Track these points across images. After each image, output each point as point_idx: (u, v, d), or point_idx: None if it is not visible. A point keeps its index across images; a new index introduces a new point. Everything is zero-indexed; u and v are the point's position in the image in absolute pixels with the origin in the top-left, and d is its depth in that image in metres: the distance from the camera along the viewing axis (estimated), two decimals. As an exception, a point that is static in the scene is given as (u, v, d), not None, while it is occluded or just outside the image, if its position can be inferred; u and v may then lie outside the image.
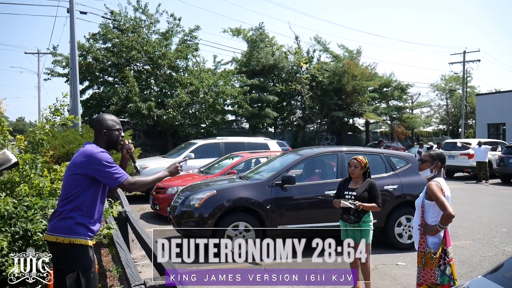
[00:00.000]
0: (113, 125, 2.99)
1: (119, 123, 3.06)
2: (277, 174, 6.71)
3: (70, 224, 2.73)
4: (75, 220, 2.74)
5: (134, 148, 3.12)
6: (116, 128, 3.00)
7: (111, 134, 2.99)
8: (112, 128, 2.98)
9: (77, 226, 2.74)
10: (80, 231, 2.75)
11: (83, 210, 2.78)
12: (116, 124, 3.02)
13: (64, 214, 2.75)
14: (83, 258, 2.75)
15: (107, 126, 2.98)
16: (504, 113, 29.10)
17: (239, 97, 22.74)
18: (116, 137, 3.01)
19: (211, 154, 12.21)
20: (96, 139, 3.00)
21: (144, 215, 9.76)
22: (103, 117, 3.04)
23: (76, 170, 2.79)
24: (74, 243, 2.71)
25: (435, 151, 3.94)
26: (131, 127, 20.18)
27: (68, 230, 2.73)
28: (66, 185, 2.84)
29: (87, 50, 19.39)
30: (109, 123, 2.99)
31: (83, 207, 2.78)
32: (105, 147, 2.95)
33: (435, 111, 49.84)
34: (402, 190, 6.93)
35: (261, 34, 27.44)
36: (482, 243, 7.38)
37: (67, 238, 2.71)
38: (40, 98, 40.25)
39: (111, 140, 2.99)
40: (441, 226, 3.56)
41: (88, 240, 2.79)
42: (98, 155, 2.79)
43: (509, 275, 2.57)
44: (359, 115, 31.94)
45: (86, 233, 2.78)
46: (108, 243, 4.62)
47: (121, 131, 3.06)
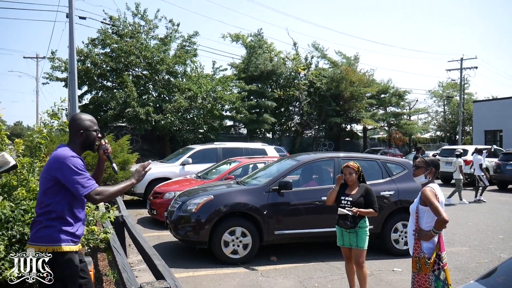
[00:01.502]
0: (90, 125, 2.90)
1: (96, 123, 2.97)
2: (274, 179, 6.74)
3: (51, 232, 2.67)
4: (55, 228, 2.67)
5: (111, 148, 3.04)
6: (94, 129, 2.91)
7: (88, 135, 2.89)
8: (89, 128, 2.89)
9: (58, 234, 2.67)
10: (62, 238, 2.68)
11: (63, 218, 2.70)
12: (94, 125, 2.93)
13: (44, 223, 2.68)
14: (69, 266, 2.68)
15: (84, 127, 2.88)
16: (501, 120, 29.24)
17: (237, 103, 22.79)
18: (93, 138, 2.91)
19: (209, 160, 12.24)
20: (71, 139, 2.89)
21: (141, 220, 9.76)
22: (80, 116, 2.94)
23: (48, 176, 2.71)
24: (58, 251, 2.65)
25: (429, 157, 3.98)
26: (129, 132, 20.19)
27: (50, 239, 2.66)
28: (42, 192, 2.74)
29: (85, 55, 19.44)
30: (86, 123, 2.90)
31: (62, 215, 2.70)
32: (80, 149, 2.88)
33: (432, 118, 50.07)
34: (398, 196, 6.96)
35: (259, 40, 27.58)
36: (478, 250, 7.41)
37: (50, 247, 2.65)
38: (38, 103, 40.36)
39: (87, 140, 2.90)
40: (435, 231, 3.59)
41: (73, 246, 2.72)
42: (68, 160, 2.67)
43: (502, 280, 2.60)
44: (357, 121, 32.04)
45: (69, 239, 2.70)
46: (105, 248, 4.63)
47: (98, 132, 2.96)
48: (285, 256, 6.80)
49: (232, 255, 6.35)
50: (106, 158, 3.03)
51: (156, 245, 7.26)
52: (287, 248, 7.17)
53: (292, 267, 6.29)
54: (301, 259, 6.73)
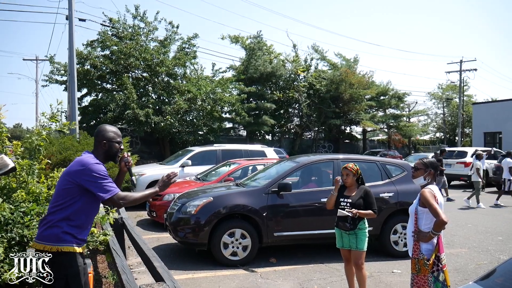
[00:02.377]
0: (113, 137, 2.99)
1: (120, 135, 3.05)
2: (273, 181, 6.74)
3: (57, 232, 2.71)
4: (62, 229, 2.72)
5: (132, 161, 3.10)
6: (117, 141, 3.00)
7: (111, 146, 2.98)
8: (112, 140, 2.98)
9: (64, 235, 2.72)
10: (67, 239, 2.73)
11: (72, 220, 2.76)
12: (117, 137, 3.01)
13: (52, 223, 2.73)
14: (71, 265, 2.73)
15: (108, 137, 2.97)
16: (500, 122, 29.28)
17: (237, 105, 22.80)
18: (116, 149, 3.00)
19: (208, 161, 12.24)
20: (95, 149, 2.99)
21: (141, 222, 9.76)
22: (105, 128, 3.02)
23: (69, 178, 2.78)
24: (62, 250, 2.70)
25: (428, 159, 3.99)
26: (129, 134, 20.19)
27: (55, 238, 2.71)
28: (58, 193, 2.81)
29: (85, 57, 19.43)
30: (110, 134, 2.98)
31: (72, 217, 2.75)
32: (103, 158, 2.95)
33: (432, 120, 50.08)
34: (398, 198, 6.96)
35: (259, 42, 27.60)
36: (477, 251, 7.41)
37: (54, 247, 2.69)
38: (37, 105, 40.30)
39: (110, 151, 2.99)
40: (434, 232, 3.60)
41: (76, 247, 2.76)
42: (92, 166, 2.77)
43: (501, 281, 2.61)
44: (356, 123, 32.09)
45: (73, 240, 2.75)
46: (104, 250, 4.62)
47: (121, 144, 3.05)
48: (285, 258, 6.80)
49: (231, 257, 6.35)
50: (126, 170, 3.16)
51: (155, 247, 7.26)
52: (286, 250, 7.17)
53: (292, 268, 6.29)
54: (300, 260, 6.73)
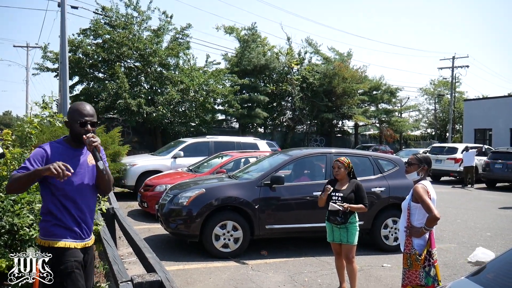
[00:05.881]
0: (73, 116, 2.68)
1: (86, 114, 2.67)
2: (266, 174, 6.74)
3: (46, 226, 2.63)
4: (50, 222, 2.62)
5: (96, 142, 2.63)
6: (77, 120, 2.65)
7: (72, 126, 2.68)
8: (72, 119, 2.68)
9: (53, 228, 2.62)
10: (58, 233, 2.62)
11: (51, 212, 2.63)
12: (78, 116, 2.66)
13: (42, 217, 2.65)
14: (62, 262, 2.60)
15: (69, 117, 2.71)
16: (491, 119, 29.55)
17: (230, 97, 22.72)
18: (77, 130, 2.66)
19: (201, 153, 12.21)
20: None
21: (132, 213, 9.72)
22: (72, 106, 2.75)
23: None
24: (52, 246, 2.60)
25: (421, 155, 4.01)
26: (120, 124, 20.04)
27: (46, 232, 2.63)
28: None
29: (77, 45, 19.21)
30: (71, 114, 2.70)
31: (50, 209, 2.63)
32: (72, 140, 2.73)
33: (423, 115, 50.48)
34: (389, 193, 7.00)
35: (253, 34, 27.46)
36: (466, 247, 7.49)
37: (46, 241, 2.62)
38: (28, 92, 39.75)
39: (72, 132, 2.70)
40: (427, 228, 3.62)
41: (71, 242, 2.64)
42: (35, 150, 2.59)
43: (492, 276, 2.63)
44: (349, 118, 32.16)
45: (66, 234, 2.63)
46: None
47: (86, 125, 2.66)
48: (276, 251, 6.82)
49: (223, 249, 6.36)
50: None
51: (146, 238, 7.24)
52: (277, 243, 7.19)
53: (283, 261, 6.31)
54: (291, 253, 6.75)
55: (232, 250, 6.38)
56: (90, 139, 2.60)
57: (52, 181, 2.59)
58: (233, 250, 6.38)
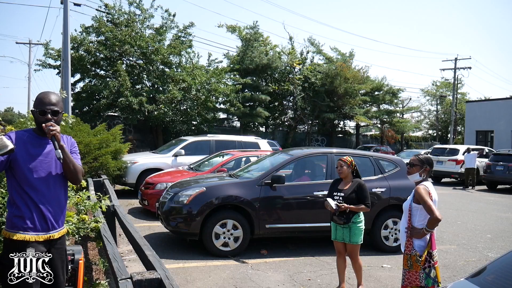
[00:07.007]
0: (35, 105, 2.67)
1: (46, 103, 2.65)
2: (267, 173, 6.73)
3: (8, 217, 2.61)
4: (12, 214, 2.59)
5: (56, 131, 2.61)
6: (39, 109, 2.64)
7: (34, 116, 2.69)
8: (36, 108, 2.66)
9: (13, 219, 2.59)
10: (16, 225, 2.58)
11: (14, 203, 2.60)
12: (41, 105, 2.65)
13: (7, 207, 2.64)
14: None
15: (34, 106, 2.68)
16: (492, 120, 29.52)
17: (231, 96, 22.72)
18: (39, 120, 2.64)
19: (202, 152, 12.21)
20: None
21: (132, 210, 9.73)
22: (37, 95, 2.72)
23: None
24: (8, 237, 2.57)
25: (424, 156, 4.00)
26: (122, 122, 20.06)
27: (8, 223, 2.60)
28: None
29: (79, 42, 19.22)
30: (35, 102, 2.69)
31: (13, 199, 2.61)
32: (39, 129, 2.69)
33: (425, 116, 50.40)
34: (390, 193, 6.99)
35: (255, 33, 27.46)
36: (466, 248, 7.48)
37: (8, 232, 2.59)
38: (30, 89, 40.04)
39: (35, 120, 2.70)
40: (428, 229, 3.61)
41: (26, 234, 2.57)
42: None
43: (491, 278, 2.62)
44: (350, 118, 32.13)
45: (24, 226, 2.57)
46: (95, 237, 4.60)
47: (47, 114, 2.63)
48: (276, 250, 6.82)
49: (222, 248, 6.36)
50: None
51: (146, 236, 7.24)
52: (277, 242, 7.18)
53: (282, 261, 6.31)
54: (291, 253, 6.75)
55: (232, 249, 6.38)
56: (48, 128, 2.59)
57: (17, 169, 2.59)
58: (233, 249, 6.38)
